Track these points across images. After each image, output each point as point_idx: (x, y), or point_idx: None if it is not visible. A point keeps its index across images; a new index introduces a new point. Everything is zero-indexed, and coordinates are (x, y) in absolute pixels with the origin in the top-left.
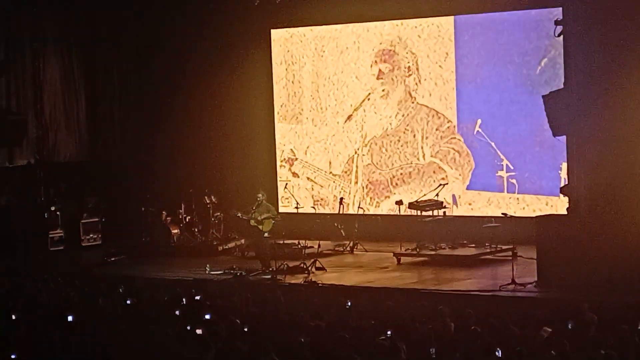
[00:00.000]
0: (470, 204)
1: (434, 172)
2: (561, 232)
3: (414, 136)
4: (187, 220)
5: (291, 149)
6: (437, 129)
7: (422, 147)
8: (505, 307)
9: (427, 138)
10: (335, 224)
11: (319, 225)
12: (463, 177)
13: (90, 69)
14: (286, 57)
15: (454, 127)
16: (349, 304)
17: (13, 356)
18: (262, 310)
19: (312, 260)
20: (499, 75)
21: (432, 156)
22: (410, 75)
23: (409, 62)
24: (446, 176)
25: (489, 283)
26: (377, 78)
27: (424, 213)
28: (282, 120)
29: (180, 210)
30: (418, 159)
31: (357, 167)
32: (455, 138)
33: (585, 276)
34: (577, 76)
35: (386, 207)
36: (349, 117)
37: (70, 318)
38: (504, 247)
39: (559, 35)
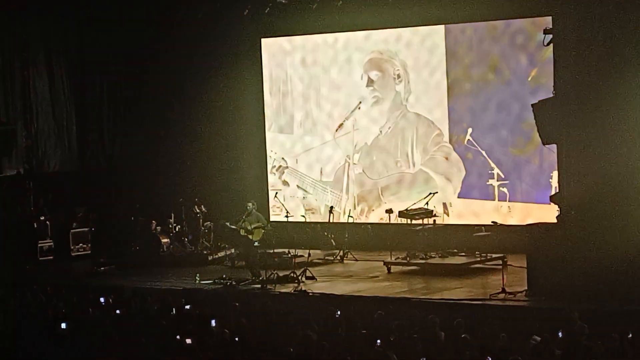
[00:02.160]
0: (460, 212)
1: (424, 180)
2: (552, 241)
3: (404, 144)
4: (177, 229)
5: (282, 158)
6: (427, 137)
7: (412, 156)
8: (495, 316)
9: (417, 146)
10: (326, 233)
11: (309, 234)
12: (454, 185)
13: (79, 79)
14: (276, 66)
15: (444, 135)
16: (338, 313)
17: None
18: (252, 320)
19: (302, 269)
20: (489, 84)
21: (422, 164)
22: (400, 84)
23: (399, 71)
24: (436, 185)
25: (479, 292)
26: (367, 86)
27: (414, 222)
28: (273, 129)
29: (170, 220)
30: (408, 167)
31: (347, 175)
32: (445, 146)
33: (576, 285)
34: (566, 85)
35: (376, 216)
36: (340, 126)
37: (63, 325)
38: (494, 255)
39: (548, 44)
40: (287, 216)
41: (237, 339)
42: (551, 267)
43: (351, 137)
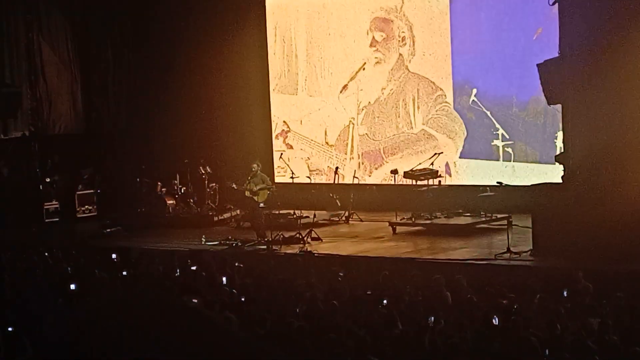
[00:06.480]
0: (465, 173)
1: (427, 140)
2: (556, 201)
3: (406, 105)
4: (183, 191)
5: (284, 121)
6: (429, 98)
7: (414, 116)
8: (500, 276)
9: (418, 107)
10: (331, 194)
11: (315, 195)
12: (457, 146)
13: (84, 41)
14: (281, 27)
15: (446, 95)
16: (341, 274)
17: (10, 329)
18: (258, 281)
19: (308, 230)
20: (494, 44)
21: (423, 124)
22: (404, 44)
23: (403, 31)
24: (438, 144)
25: (485, 252)
26: (371, 46)
27: (419, 182)
28: (277, 90)
29: (176, 181)
30: (410, 127)
31: (352, 137)
32: (446, 106)
33: (581, 244)
34: (571, 45)
35: (381, 177)
36: (345, 87)
37: (72, 286)
38: (499, 215)
39: (553, 4)
40: (292, 177)
41: (242, 299)
42: (556, 227)
43: (355, 98)
